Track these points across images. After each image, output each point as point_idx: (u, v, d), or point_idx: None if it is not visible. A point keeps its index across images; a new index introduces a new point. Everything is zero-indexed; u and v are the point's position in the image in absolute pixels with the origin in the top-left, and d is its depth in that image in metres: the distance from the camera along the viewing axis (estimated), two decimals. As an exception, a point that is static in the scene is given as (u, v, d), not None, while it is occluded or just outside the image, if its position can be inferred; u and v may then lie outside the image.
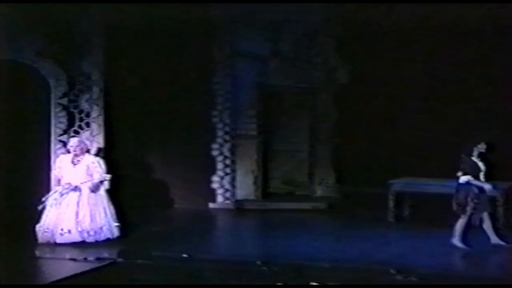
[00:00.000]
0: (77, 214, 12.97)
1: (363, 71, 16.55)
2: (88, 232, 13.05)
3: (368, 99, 16.51)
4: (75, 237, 12.94)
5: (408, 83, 16.36)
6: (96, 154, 13.84)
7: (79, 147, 13.22)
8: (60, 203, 12.93)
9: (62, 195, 13.01)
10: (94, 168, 13.17)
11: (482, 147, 12.94)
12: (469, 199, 12.74)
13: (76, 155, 13.16)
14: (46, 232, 12.84)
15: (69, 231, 12.88)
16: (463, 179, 12.83)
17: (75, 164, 13.11)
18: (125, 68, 15.12)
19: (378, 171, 15.65)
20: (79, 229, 12.98)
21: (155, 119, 16.00)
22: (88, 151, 13.69)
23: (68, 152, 13.32)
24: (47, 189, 13.25)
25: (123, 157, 14.95)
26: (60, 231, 12.84)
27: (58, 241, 12.86)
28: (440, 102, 16.23)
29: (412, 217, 15.34)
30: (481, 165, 12.90)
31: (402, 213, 15.38)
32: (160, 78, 15.86)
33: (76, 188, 13.01)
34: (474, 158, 12.90)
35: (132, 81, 15.38)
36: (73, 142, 13.34)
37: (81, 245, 12.78)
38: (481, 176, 12.91)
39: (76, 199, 12.98)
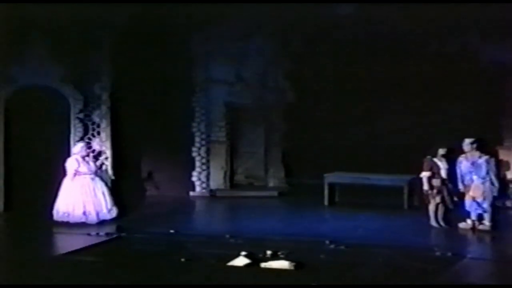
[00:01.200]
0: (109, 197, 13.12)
1: (306, 92, 16.51)
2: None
3: (309, 113, 16.53)
4: (114, 215, 13.05)
5: (340, 102, 16.34)
6: (97, 154, 14.01)
7: (83, 150, 13.31)
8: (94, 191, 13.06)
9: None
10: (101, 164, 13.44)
11: (443, 150, 12.62)
12: (432, 190, 12.57)
13: (84, 156, 13.25)
14: (90, 215, 12.87)
15: (111, 210, 13.01)
16: (422, 175, 12.67)
17: (87, 162, 13.22)
18: (127, 91, 15.04)
19: (316, 167, 15.61)
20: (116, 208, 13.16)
21: (150, 129, 15.89)
22: (99, 153, 13.91)
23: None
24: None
25: (125, 158, 14.94)
26: (106, 210, 12.92)
27: (105, 218, 12.87)
28: (363, 113, 16.32)
29: (341, 202, 15.33)
30: (440, 164, 12.56)
31: (334, 199, 15.37)
32: (153, 98, 15.81)
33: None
34: (436, 159, 12.59)
35: (132, 100, 15.30)
36: (78, 147, 13.36)
37: (92, 224, 12.75)
38: (442, 172, 12.56)
39: (104, 186, 13.15)
